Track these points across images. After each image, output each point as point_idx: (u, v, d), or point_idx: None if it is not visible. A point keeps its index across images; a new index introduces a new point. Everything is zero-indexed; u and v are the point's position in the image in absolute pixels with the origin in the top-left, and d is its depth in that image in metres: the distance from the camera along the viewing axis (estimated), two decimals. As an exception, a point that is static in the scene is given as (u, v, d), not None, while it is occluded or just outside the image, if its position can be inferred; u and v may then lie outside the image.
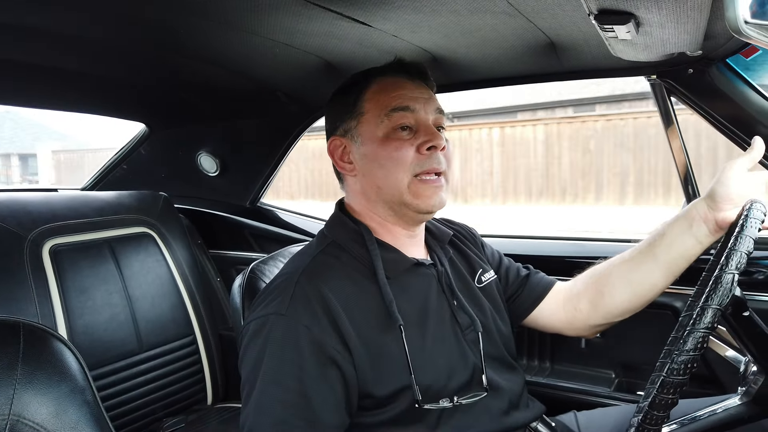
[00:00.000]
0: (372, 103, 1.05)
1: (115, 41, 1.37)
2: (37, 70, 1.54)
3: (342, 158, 1.09)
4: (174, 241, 1.98)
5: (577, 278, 1.25)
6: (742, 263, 0.82)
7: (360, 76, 1.10)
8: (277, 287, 0.99)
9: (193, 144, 2.30)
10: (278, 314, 0.93)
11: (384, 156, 1.03)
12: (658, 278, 1.10)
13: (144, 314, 1.81)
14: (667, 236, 1.08)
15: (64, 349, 0.78)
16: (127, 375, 1.72)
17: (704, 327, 0.77)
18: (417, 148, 1.02)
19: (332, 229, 1.11)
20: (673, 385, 0.77)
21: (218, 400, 1.98)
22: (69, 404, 0.75)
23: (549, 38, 1.27)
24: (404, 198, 1.03)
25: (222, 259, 2.28)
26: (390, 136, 1.03)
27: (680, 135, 1.52)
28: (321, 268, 1.01)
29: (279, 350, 0.91)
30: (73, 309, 1.65)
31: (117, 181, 2.40)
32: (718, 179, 1.01)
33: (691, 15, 0.96)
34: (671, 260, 1.08)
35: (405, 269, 1.06)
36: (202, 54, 1.49)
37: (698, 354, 0.77)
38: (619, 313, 1.17)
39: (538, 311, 1.25)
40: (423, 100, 1.05)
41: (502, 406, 1.07)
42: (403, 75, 1.08)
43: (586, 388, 1.66)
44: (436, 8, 1.09)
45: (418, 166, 1.02)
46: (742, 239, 0.85)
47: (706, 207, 1.03)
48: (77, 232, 1.76)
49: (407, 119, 1.03)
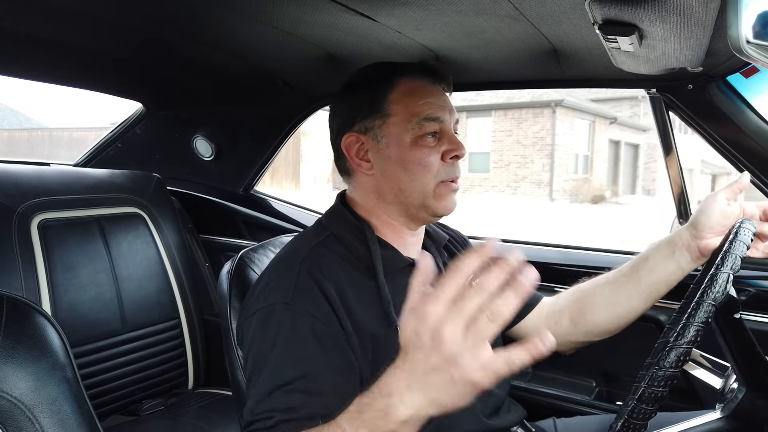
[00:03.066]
0: (400, 107, 1.05)
1: (117, 19, 1.36)
2: (35, 41, 1.52)
3: (358, 155, 1.08)
4: (164, 224, 1.97)
5: (561, 294, 1.28)
6: (737, 265, 0.84)
7: (382, 73, 1.09)
8: (279, 276, 0.99)
9: (190, 127, 2.29)
10: (284, 303, 0.93)
11: (412, 161, 1.04)
12: (638, 303, 1.15)
13: (130, 295, 1.80)
14: (650, 260, 1.13)
15: (46, 324, 0.78)
16: (109, 354, 1.72)
17: (699, 322, 0.78)
18: (441, 156, 1.05)
19: (332, 220, 1.11)
20: (664, 379, 0.77)
21: (199, 385, 1.98)
22: (48, 380, 0.75)
23: (552, 45, 1.27)
24: (427, 201, 1.06)
25: (212, 244, 2.27)
26: (418, 143, 1.04)
27: (676, 151, 1.52)
28: (321, 260, 1.01)
29: (289, 339, 0.90)
30: (59, 285, 1.64)
31: (110, 159, 2.39)
32: (702, 209, 1.07)
33: (694, 31, 0.96)
34: (652, 284, 1.13)
35: (400, 268, 1.07)
36: (204, 37, 1.48)
37: (690, 348, 0.77)
38: (599, 333, 1.22)
39: (522, 324, 1.27)
40: (448, 108, 1.07)
41: (485, 409, 1.08)
42: (428, 79, 1.08)
43: (567, 395, 1.66)
44: (442, 7, 1.09)
45: (444, 174, 1.05)
46: (736, 244, 0.88)
47: (689, 235, 1.08)
48: (67, 208, 1.75)
49: (435, 128, 1.05)
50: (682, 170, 1.53)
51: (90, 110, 72.10)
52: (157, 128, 2.36)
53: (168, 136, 2.37)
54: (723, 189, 1.07)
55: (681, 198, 1.55)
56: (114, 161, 2.35)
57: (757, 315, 1.41)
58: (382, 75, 1.08)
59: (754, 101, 1.35)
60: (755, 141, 1.35)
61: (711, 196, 1.07)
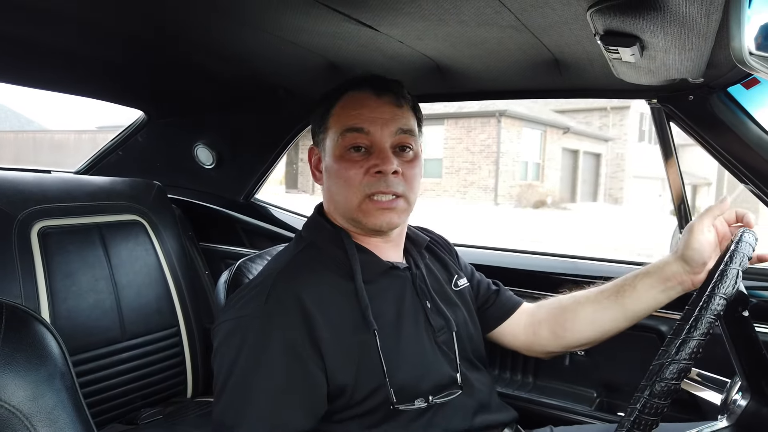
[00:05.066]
0: (334, 119, 1.07)
1: (118, 26, 1.36)
2: (36, 49, 1.52)
3: (317, 167, 1.13)
4: (165, 231, 1.97)
5: (541, 304, 1.29)
6: (745, 263, 0.86)
7: (334, 89, 1.11)
8: (253, 288, 0.99)
9: (191, 135, 2.29)
10: (252, 316, 0.93)
11: (336, 174, 1.05)
12: (621, 324, 1.17)
13: (129, 302, 1.79)
14: (638, 290, 1.12)
15: (45, 332, 0.77)
16: (107, 362, 1.71)
17: (712, 314, 0.78)
18: (367, 170, 1.03)
19: (310, 230, 1.13)
20: (672, 380, 0.76)
21: (198, 393, 1.96)
22: (47, 389, 0.74)
23: (553, 55, 1.27)
24: (355, 216, 1.05)
25: (212, 252, 2.27)
26: (344, 156, 1.04)
27: (677, 161, 1.52)
28: (298, 270, 1.02)
29: (252, 353, 0.91)
30: (58, 292, 1.63)
31: (111, 166, 2.38)
32: (689, 245, 1.04)
33: (695, 42, 0.97)
34: (639, 311, 1.14)
35: (381, 272, 1.08)
36: (206, 45, 1.48)
37: (703, 341, 0.76)
38: (578, 346, 1.25)
39: (501, 329, 1.28)
40: (382, 120, 1.04)
41: (473, 405, 1.10)
42: (371, 90, 1.07)
43: (567, 405, 1.66)
44: (444, 17, 1.09)
45: (368, 188, 1.03)
46: (742, 245, 0.90)
47: (683, 270, 1.07)
48: (67, 215, 1.74)
49: (361, 140, 1.04)
50: (684, 181, 1.53)
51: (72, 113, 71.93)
52: (159, 136, 2.36)
53: (169, 144, 2.37)
54: (701, 217, 1.05)
55: (681, 205, 1.55)
56: (115, 169, 2.35)
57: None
58: (336, 90, 1.11)
59: (755, 112, 1.35)
60: (756, 152, 1.35)
61: (693, 230, 1.04)
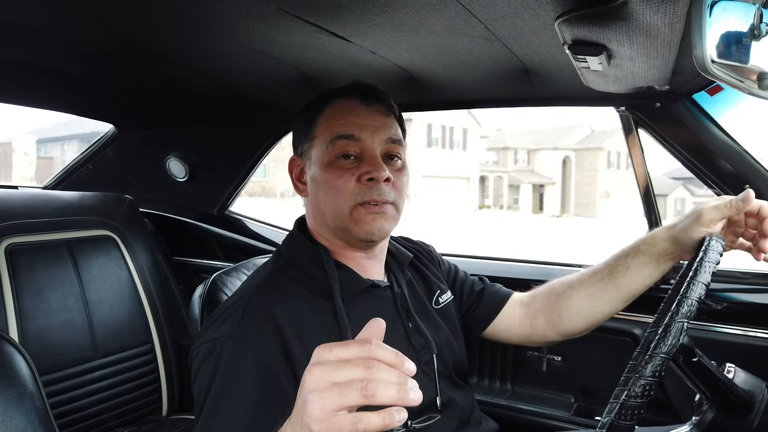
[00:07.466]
0: (322, 128, 1.06)
1: (87, 40, 1.34)
2: (3, 63, 1.49)
3: (299, 178, 1.11)
4: (137, 246, 1.94)
5: (535, 294, 1.27)
6: (693, 311, 0.83)
7: (319, 98, 1.10)
8: (229, 307, 0.98)
9: (163, 148, 2.26)
10: (227, 336, 0.92)
11: (326, 183, 1.03)
12: (617, 305, 1.17)
13: (101, 319, 1.75)
14: (631, 269, 1.13)
15: (14, 352, 0.76)
16: (80, 382, 1.67)
17: (650, 374, 0.80)
18: (358, 178, 1.01)
19: (289, 247, 1.11)
20: (632, 408, 0.79)
21: (174, 411, 1.93)
22: (16, 410, 0.72)
23: (524, 65, 1.29)
24: (345, 224, 1.03)
25: (186, 266, 2.24)
26: (333, 164, 1.03)
27: (645, 165, 1.56)
28: (274, 288, 1.00)
29: (227, 374, 0.89)
30: (26, 311, 1.59)
31: (81, 181, 2.34)
32: (687, 232, 1.03)
33: (660, 51, 0.99)
34: (635, 290, 1.15)
35: (360, 291, 1.06)
36: (178, 58, 1.47)
37: (649, 391, 0.79)
38: (575, 334, 1.23)
39: (495, 324, 1.27)
40: (372, 128, 1.04)
41: (453, 424, 1.08)
42: (359, 98, 1.06)
43: (545, 411, 1.67)
44: (416, 28, 1.10)
45: (359, 196, 1.01)
46: (695, 286, 0.85)
47: (674, 249, 1.08)
48: (36, 231, 1.70)
49: (351, 148, 1.03)
50: (652, 186, 1.57)
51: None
52: (129, 149, 2.32)
53: (140, 157, 2.34)
54: (715, 209, 1.01)
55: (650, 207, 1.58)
56: (85, 183, 2.31)
57: (731, 327, 1.43)
58: (322, 98, 1.09)
59: (719, 118, 1.39)
60: (720, 156, 1.39)
61: (701, 220, 1.01)
